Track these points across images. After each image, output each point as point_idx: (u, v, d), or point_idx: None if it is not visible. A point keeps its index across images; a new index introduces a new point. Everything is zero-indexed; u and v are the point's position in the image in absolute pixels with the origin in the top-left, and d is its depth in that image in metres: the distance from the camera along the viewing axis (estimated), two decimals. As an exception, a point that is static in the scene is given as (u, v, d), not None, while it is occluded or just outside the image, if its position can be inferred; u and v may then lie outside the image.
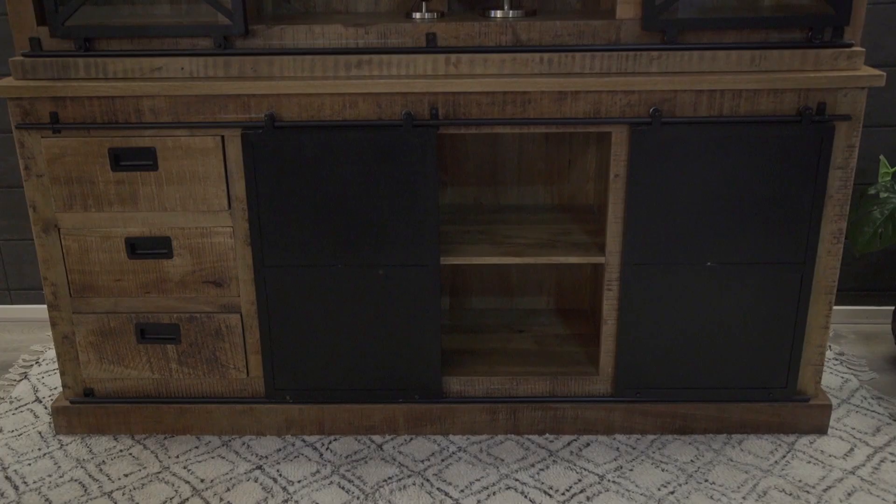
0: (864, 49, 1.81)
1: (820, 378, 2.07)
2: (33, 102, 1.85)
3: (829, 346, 2.55)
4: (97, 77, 1.86)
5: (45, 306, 2.77)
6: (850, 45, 1.80)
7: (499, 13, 1.94)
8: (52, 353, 2.60)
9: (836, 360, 2.48)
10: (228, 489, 1.95)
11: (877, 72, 1.78)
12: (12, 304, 2.81)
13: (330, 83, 1.82)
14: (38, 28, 1.84)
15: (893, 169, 2.29)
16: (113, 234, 1.95)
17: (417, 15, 1.95)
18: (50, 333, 2.73)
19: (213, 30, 1.84)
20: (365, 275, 1.98)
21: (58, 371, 2.47)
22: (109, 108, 1.85)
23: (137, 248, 1.96)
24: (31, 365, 2.54)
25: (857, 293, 2.67)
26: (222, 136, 1.87)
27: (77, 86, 1.83)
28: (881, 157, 2.33)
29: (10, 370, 2.52)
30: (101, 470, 2.02)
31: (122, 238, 1.95)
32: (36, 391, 2.39)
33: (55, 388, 2.39)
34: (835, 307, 2.64)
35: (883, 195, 2.22)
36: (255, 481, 1.98)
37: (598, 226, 2.17)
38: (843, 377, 2.38)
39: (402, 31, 1.85)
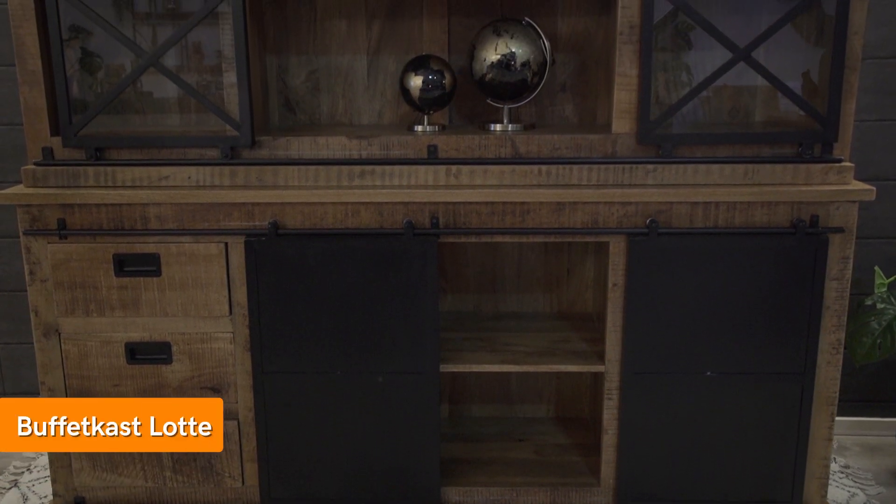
0: (853, 164, 1.86)
1: (825, 492, 2.03)
2: (42, 209, 1.89)
3: (834, 459, 2.51)
4: (106, 185, 1.91)
5: (40, 411, 2.74)
6: (840, 161, 1.86)
7: (498, 126, 2.01)
8: (44, 460, 2.55)
9: (842, 472, 2.43)
10: None
11: (867, 186, 1.83)
12: (7, 408, 2.78)
13: (333, 192, 1.87)
14: (51, 138, 1.90)
15: (889, 280, 2.31)
16: (113, 340, 1.96)
17: (419, 128, 2.02)
18: (43, 439, 2.68)
19: (221, 141, 1.90)
20: (364, 382, 1.97)
21: (49, 479, 2.42)
22: (116, 214, 1.89)
23: (137, 353, 1.96)
24: (22, 472, 2.50)
25: (859, 404, 2.64)
26: (226, 243, 1.90)
27: (86, 193, 1.87)
28: (876, 268, 2.35)
29: None
30: (87, 583, 1.96)
31: (122, 343, 1.96)
32: (25, 500, 2.33)
33: (45, 497, 2.34)
34: (837, 418, 2.60)
35: (880, 306, 2.23)
36: None
37: (597, 334, 2.18)
38: (849, 491, 2.34)
39: (404, 143, 1.91)
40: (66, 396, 1.99)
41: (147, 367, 1.97)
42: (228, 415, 2.00)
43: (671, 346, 1.93)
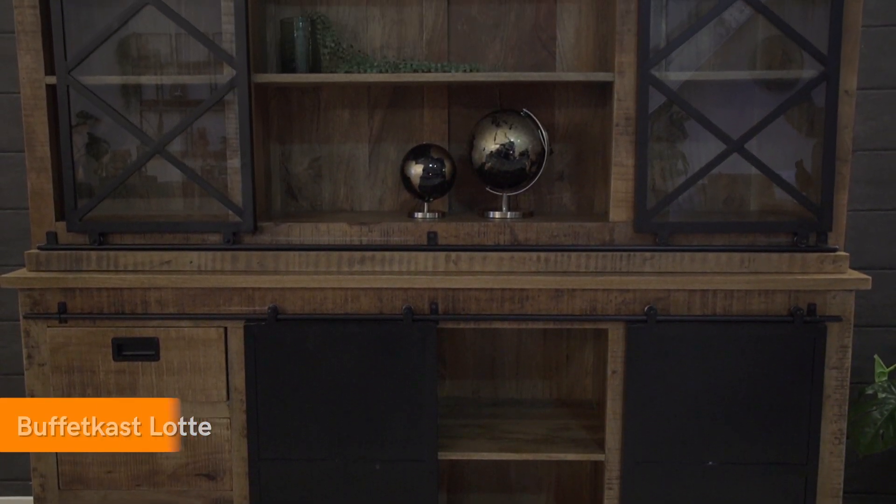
0: (848, 253, 1.88)
1: (833, 587, 1.98)
2: (43, 293, 1.90)
3: (841, 553, 2.45)
4: (108, 269, 1.93)
5: (31, 499, 2.69)
6: (835, 250, 1.88)
7: (497, 214, 2.04)
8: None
9: (849, 567, 2.38)
10: None
11: (862, 275, 1.85)
12: (-3, 494, 2.74)
13: (333, 278, 1.88)
14: (55, 223, 1.93)
15: (889, 368, 2.31)
16: (108, 425, 1.94)
17: (419, 214, 2.05)
18: (32, 527, 2.63)
19: (224, 226, 1.92)
20: (361, 469, 1.94)
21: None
22: (117, 298, 1.90)
23: (132, 438, 1.94)
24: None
25: (865, 496, 2.60)
26: (225, 328, 1.90)
27: (88, 277, 1.89)
28: (876, 356, 2.35)
29: (-14, 566, 2.41)
30: None
31: (117, 428, 1.94)
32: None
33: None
34: (843, 510, 2.56)
35: (881, 395, 2.22)
36: None
37: (597, 422, 2.16)
38: (857, 586, 2.28)
39: (404, 229, 1.93)
40: (58, 485, 1.96)
41: (142, 453, 1.94)
42: (223, 503, 1.96)
43: (672, 435, 1.91)
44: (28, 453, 1.97)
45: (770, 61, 2.06)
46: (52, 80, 1.89)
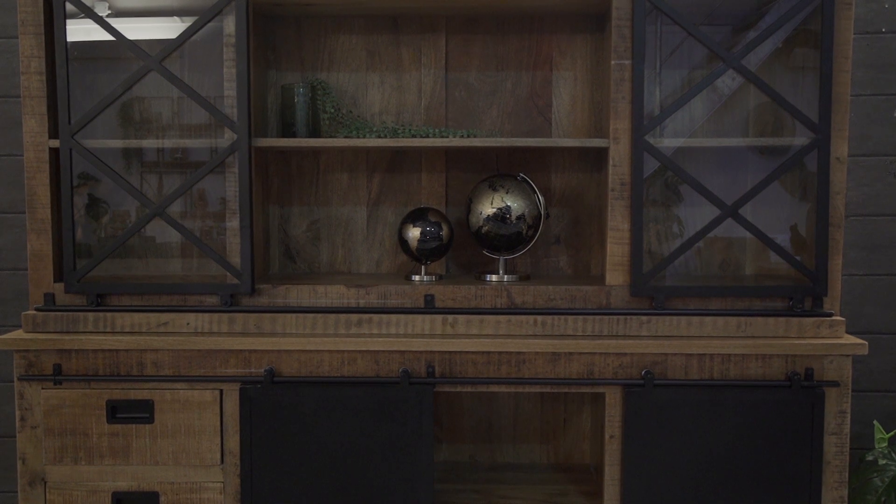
0: (844, 318, 1.89)
1: None
2: (39, 354, 1.89)
3: None
4: (104, 330, 1.92)
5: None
6: (830, 315, 1.88)
7: (494, 277, 2.05)
8: None
9: None
10: None
11: (859, 340, 1.85)
12: (-17, 560, 2.68)
13: (330, 340, 1.88)
14: (54, 284, 1.93)
15: (889, 434, 2.29)
16: (100, 489, 1.91)
17: (417, 277, 2.06)
18: None
19: (222, 288, 1.93)
20: (355, 536, 1.91)
21: None
22: (113, 360, 1.89)
23: (123, 503, 1.91)
24: None
25: (868, 564, 2.55)
26: (221, 391, 1.89)
27: (84, 339, 1.88)
28: (875, 422, 2.34)
29: None
30: None
31: (108, 493, 1.91)
32: None
33: None
34: (846, 580, 2.51)
35: (881, 462, 2.20)
36: None
37: (595, 487, 2.13)
38: None
39: (401, 292, 1.94)
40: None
41: (133, 518, 1.92)
42: (214, 570, 1.93)
43: (671, 502, 1.88)
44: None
45: (762, 127, 2.09)
46: (55, 143, 1.91)
